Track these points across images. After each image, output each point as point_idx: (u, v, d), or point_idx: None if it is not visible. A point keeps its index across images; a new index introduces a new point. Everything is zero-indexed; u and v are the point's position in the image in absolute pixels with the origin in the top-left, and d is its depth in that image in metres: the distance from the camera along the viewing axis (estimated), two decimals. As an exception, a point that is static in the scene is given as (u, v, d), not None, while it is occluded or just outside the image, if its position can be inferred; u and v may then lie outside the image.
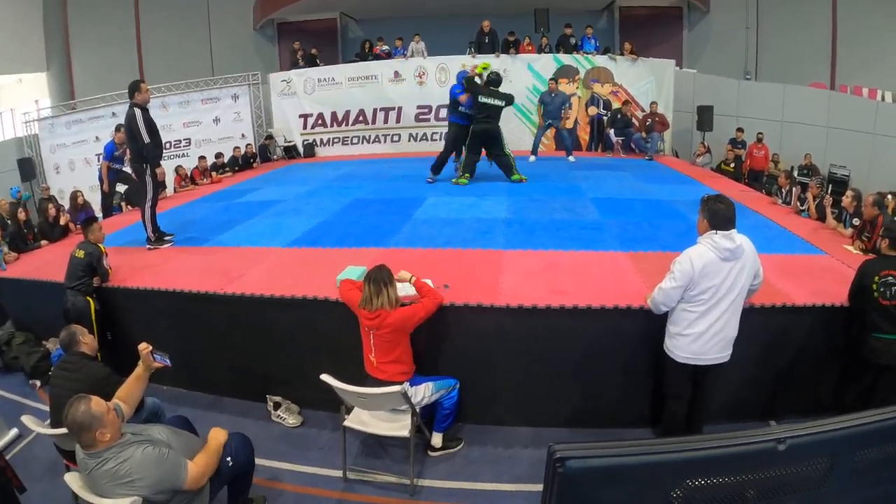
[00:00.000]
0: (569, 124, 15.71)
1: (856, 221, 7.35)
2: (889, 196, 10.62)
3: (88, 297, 6.41)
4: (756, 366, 5.42)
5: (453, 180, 11.10)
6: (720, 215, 4.34)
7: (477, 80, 11.10)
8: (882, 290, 4.90)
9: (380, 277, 4.84)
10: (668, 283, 4.45)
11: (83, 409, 3.37)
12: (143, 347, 4.22)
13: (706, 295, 4.36)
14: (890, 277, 4.89)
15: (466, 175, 11.02)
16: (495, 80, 11.03)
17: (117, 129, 11.47)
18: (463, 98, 11.06)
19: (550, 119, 14.12)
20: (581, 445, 1.44)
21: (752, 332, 4.99)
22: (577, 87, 16.19)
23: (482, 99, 10.70)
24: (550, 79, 14.76)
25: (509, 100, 10.98)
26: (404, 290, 5.30)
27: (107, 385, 4.37)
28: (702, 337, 4.48)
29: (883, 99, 17.31)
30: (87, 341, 4.79)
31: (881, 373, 5.04)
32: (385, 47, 17.87)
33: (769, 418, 5.69)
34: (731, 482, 1.49)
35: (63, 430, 3.59)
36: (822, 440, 1.50)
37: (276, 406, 5.96)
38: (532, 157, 13.72)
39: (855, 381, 5.26)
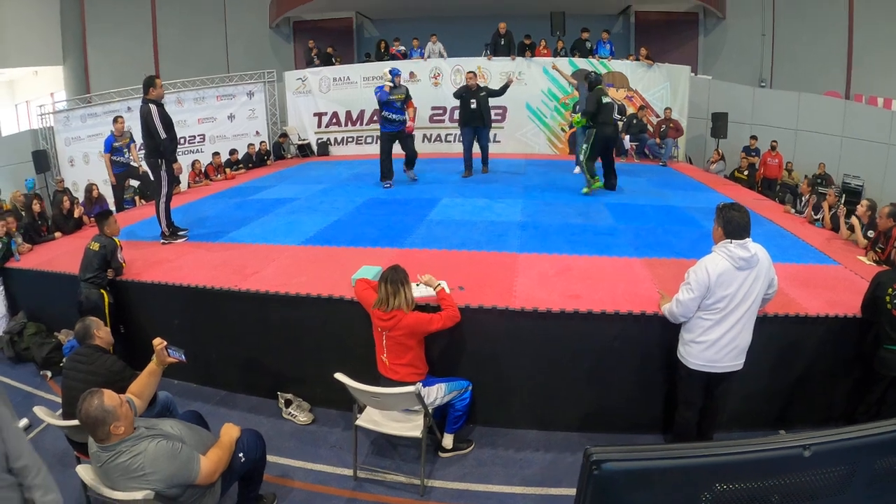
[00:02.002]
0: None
1: (870, 233, 7.33)
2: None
3: (102, 290, 6.46)
4: (768, 375, 5.42)
5: (585, 189, 10.58)
6: (735, 224, 4.34)
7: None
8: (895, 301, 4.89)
9: (396, 278, 4.86)
10: (685, 295, 4.45)
11: (96, 403, 3.39)
12: (158, 343, 4.24)
13: (721, 304, 4.35)
14: (904, 289, 4.88)
15: (595, 179, 10.58)
16: (596, 79, 10.63)
17: (115, 119, 11.54)
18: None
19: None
20: (616, 449, 1.47)
21: (765, 341, 5.00)
22: (593, 92, 16.18)
23: (605, 100, 10.29)
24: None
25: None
26: (421, 291, 5.35)
27: (121, 379, 4.40)
28: (716, 344, 4.47)
29: (898, 109, 17.25)
30: (102, 335, 4.79)
31: (892, 384, 5.02)
32: (401, 48, 17.89)
33: (779, 427, 5.67)
34: (758, 486, 1.52)
35: (75, 423, 3.61)
36: (847, 447, 1.53)
37: (288, 403, 5.98)
38: (577, 169, 12.53)
39: (866, 392, 5.25)
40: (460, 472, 5.13)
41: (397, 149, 11.32)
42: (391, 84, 10.99)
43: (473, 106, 11.89)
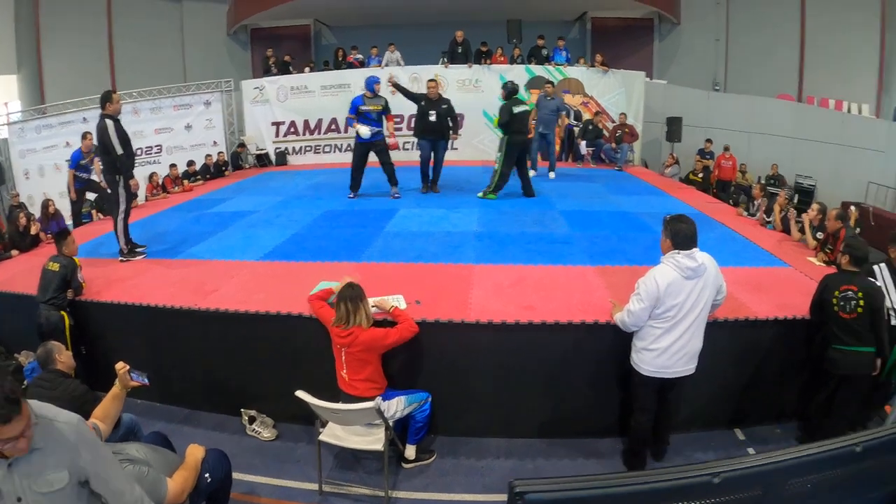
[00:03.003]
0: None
1: (819, 234, 7.54)
2: (852, 207, 10.91)
3: (62, 312, 6.34)
4: (722, 376, 5.60)
5: (479, 194, 10.93)
6: (682, 235, 4.48)
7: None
8: (842, 303, 5.06)
9: (355, 295, 4.95)
10: (635, 305, 4.59)
11: None
12: (121, 367, 4.22)
13: (671, 312, 4.50)
14: (849, 292, 5.05)
15: (495, 193, 10.79)
16: (513, 88, 10.81)
17: (83, 136, 11.41)
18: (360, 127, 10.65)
19: (542, 125, 13.24)
20: (540, 480, 1.56)
21: (717, 344, 5.16)
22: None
23: (517, 109, 10.41)
24: (547, 82, 14.65)
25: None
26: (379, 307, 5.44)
27: (84, 403, 4.38)
28: (667, 351, 4.62)
29: (849, 111, 17.72)
30: (64, 359, 4.79)
31: (841, 382, 5.21)
32: (359, 56, 17.89)
33: (735, 426, 5.88)
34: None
35: None
36: (754, 473, 1.64)
37: (251, 420, 5.97)
38: (532, 171, 12.46)
39: (817, 390, 5.43)
40: (423, 482, 5.20)
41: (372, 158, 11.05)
42: (370, 93, 10.73)
43: (432, 118, 11.09)
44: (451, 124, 11.35)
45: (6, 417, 2.52)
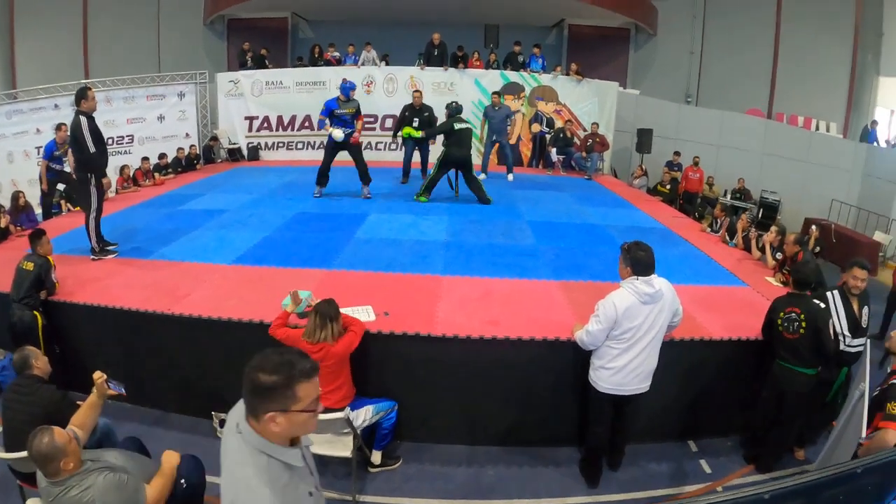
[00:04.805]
0: (511, 140, 15.75)
1: (778, 255, 7.82)
2: (813, 227, 11.20)
3: (35, 312, 6.29)
4: (676, 391, 5.88)
5: (416, 196, 11.15)
6: (642, 263, 4.71)
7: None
8: (786, 324, 5.39)
9: (327, 312, 5.08)
10: (594, 326, 4.82)
11: (47, 440, 3.49)
12: (98, 376, 4.29)
13: (628, 334, 4.74)
14: (793, 314, 5.37)
15: (427, 196, 11.10)
16: (457, 108, 11.29)
17: (58, 127, 11.34)
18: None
19: (494, 134, 13.91)
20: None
21: (673, 361, 5.44)
22: (522, 104, 16.52)
23: (457, 126, 10.86)
24: (494, 92, 14.70)
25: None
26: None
27: (61, 409, 4.43)
28: (623, 370, 4.86)
29: (817, 128, 18.06)
30: (40, 364, 4.78)
31: (785, 397, 5.50)
32: (336, 53, 17.84)
33: (689, 438, 6.17)
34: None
35: (19, 455, 3.70)
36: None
37: (223, 423, 6.03)
38: (483, 175, 13.35)
39: (764, 403, 5.70)
40: (389, 486, 5.39)
41: (338, 156, 11.25)
42: (344, 97, 10.92)
43: (415, 125, 12.19)
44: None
45: (312, 371, 2.27)
